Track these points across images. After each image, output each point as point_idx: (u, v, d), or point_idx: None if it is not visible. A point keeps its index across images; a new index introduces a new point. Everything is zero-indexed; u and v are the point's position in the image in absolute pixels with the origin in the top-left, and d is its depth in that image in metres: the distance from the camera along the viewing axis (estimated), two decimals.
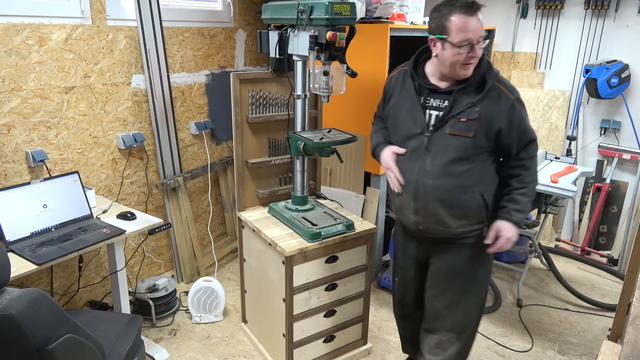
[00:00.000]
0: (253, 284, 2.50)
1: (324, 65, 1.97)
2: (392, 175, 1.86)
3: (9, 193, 2.04)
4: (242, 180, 2.44)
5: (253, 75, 2.33)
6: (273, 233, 2.21)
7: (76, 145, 2.64)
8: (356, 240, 2.28)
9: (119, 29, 2.70)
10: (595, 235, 3.70)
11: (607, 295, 3.18)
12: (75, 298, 2.75)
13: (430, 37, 1.71)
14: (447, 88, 1.76)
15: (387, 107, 1.93)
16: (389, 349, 2.62)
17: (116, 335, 1.84)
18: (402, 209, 1.89)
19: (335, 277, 2.28)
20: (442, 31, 1.64)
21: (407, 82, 1.84)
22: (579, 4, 3.46)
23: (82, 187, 2.30)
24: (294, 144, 2.23)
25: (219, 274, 3.34)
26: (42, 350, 1.34)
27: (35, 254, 1.92)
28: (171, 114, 3.03)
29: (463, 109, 1.71)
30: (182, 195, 3.10)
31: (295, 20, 2.02)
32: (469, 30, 1.61)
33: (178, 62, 3.08)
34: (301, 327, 2.26)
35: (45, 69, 2.43)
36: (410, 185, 1.81)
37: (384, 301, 3.06)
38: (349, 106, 2.99)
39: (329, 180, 3.28)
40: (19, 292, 1.34)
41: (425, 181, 1.77)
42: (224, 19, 3.33)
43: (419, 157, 1.78)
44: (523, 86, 3.79)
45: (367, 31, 2.74)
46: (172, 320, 2.81)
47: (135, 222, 2.27)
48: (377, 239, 3.12)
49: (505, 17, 3.80)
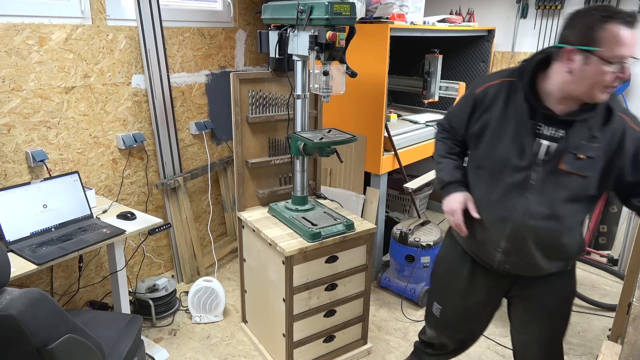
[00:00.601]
0: (253, 284, 2.50)
1: (324, 65, 1.97)
2: (453, 220, 1.63)
3: (9, 193, 2.04)
4: (242, 180, 2.44)
5: (253, 75, 2.33)
6: (273, 233, 2.21)
7: (76, 145, 2.64)
8: (356, 240, 2.28)
9: (119, 29, 2.70)
10: (595, 235, 3.69)
11: (607, 295, 3.18)
12: (75, 298, 2.75)
13: (567, 49, 1.38)
14: (565, 114, 1.46)
15: (476, 124, 1.60)
16: (389, 349, 2.62)
17: (116, 335, 1.84)
18: (486, 245, 1.63)
19: (335, 277, 2.28)
20: (591, 42, 1.33)
21: (514, 99, 1.52)
22: (579, 4, 3.45)
23: (82, 187, 2.30)
24: (294, 144, 2.23)
25: (219, 274, 3.34)
26: (42, 350, 1.34)
27: (35, 254, 1.92)
28: (171, 114, 3.03)
29: (582, 143, 1.43)
30: (182, 195, 3.10)
31: (295, 20, 2.02)
32: (626, 45, 1.31)
33: (178, 62, 3.08)
34: (301, 327, 2.26)
35: (45, 69, 2.43)
36: (506, 225, 1.54)
37: (384, 301, 3.06)
38: (349, 106, 2.99)
39: (329, 180, 3.28)
40: (19, 292, 1.34)
41: (528, 222, 1.51)
42: (224, 19, 3.33)
43: (521, 194, 1.51)
44: None
45: (367, 31, 2.74)
46: (172, 320, 2.81)
47: (135, 222, 2.27)
48: (377, 239, 3.12)
49: (505, 17, 3.80)
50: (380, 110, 2.83)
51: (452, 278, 1.81)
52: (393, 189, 4.09)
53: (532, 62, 1.50)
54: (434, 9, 3.95)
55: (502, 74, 1.60)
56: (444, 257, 1.87)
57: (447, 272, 1.84)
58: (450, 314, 1.86)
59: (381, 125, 2.86)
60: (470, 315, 1.82)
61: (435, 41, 3.69)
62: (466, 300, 1.79)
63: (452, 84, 3.63)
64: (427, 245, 2.91)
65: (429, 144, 3.35)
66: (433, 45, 3.64)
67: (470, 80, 3.88)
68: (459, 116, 1.69)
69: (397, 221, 3.36)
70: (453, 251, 1.81)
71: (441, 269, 1.88)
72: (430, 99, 3.58)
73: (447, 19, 3.40)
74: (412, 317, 2.90)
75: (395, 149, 3.00)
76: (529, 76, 1.49)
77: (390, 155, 3.00)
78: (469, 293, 1.77)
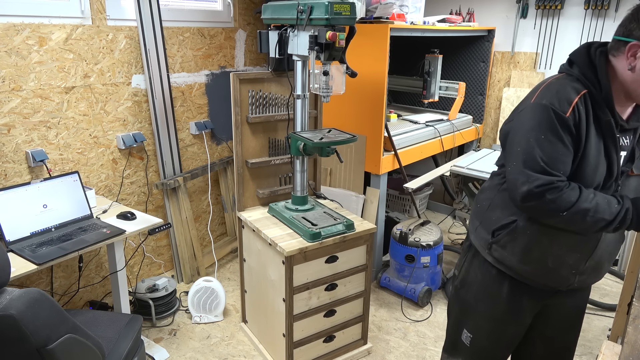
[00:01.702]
0: (253, 284, 2.50)
1: (324, 65, 1.97)
2: None
3: (9, 193, 2.04)
4: (242, 180, 2.44)
5: (253, 75, 2.33)
6: (273, 233, 2.21)
7: (76, 145, 2.64)
8: (356, 240, 2.28)
9: (119, 29, 2.70)
10: None
11: (607, 295, 3.18)
12: (75, 298, 2.75)
13: (633, 44, 1.25)
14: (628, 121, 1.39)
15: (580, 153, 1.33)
16: (389, 349, 2.62)
17: (116, 335, 1.84)
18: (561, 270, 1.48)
19: (335, 277, 2.28)
20: None
21: (597, 114, 1.33)
22: (579, 4, 3.46)
23: (82, 187, 2.30)
24: (294, 144, 2.23)
25: (219, 274, 3.34)
26: (42, 350, 1.34)
27: (35, 254, 1.92)
28: (171, 114, 3.03)
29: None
30: (182, 195, 3.10)
31: (295, 20, 2.02)
32: None
33: (178, 62, 3.08)
34: (301, 327, 2.26)
35: (45, 69, 2.43)
36: (595, 245, 1.43)
37: (384, 301, 3.06)
38: (349, 106, 2.99)
39: (329, 180, 3.28)
40: (19, 292, 1.34)
41: (613, 236, 1.44)
42: (224, 19, 3.33)
43: None
44: (523, 86, 3.79)
45: (367, 31, 2.74)
46: (172, 320, 2.81)
47: (135, 222, 2.27)
48: (377, 239, 3.12)
49: (505, 17, 3.80)
50: (380, 110, 2.84)
51: (486, 302, 1.62)
52: (393, 189, 4.09)
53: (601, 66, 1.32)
54: (434, 9, 3.95)
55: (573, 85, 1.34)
56: (471, 281, 1.66)
57: (478, 296, 1.65)
58: (484, 342, 1.68)
59: (381, 125, 2.86)
60: (508, 340, 1.68)
61: (435, 41, 3.70)
62: (505, 325, 1.63)
63: (452, 84, 3.64)
64: (427, 245, 2.91)
65: (429, 144, 3.35)
66: (433, 45, 3.65)
67: (470, 80, 3.89)
68: (560, 153, 1.31)
69: (397, 221, 3.36)
70: (484, 274, 1.61)
71: (469, 293, 1.67)
72: (430, 99, 3.58)
73: (447, 19, 3.40)
74: (412, 317, 2.90)
75: (395, 149, 3.00)
76: (608, 87, 1.31)
77: (390, 155, 3.00)
78: (509, 316, 1.61)
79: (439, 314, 2.93)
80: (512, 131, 1.41)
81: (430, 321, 2.87)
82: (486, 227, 1.56)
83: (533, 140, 1.31)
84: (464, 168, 3.04)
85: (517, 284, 1.56)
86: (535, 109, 1.33)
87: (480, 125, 3.95)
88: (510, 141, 1.41)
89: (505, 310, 1.60)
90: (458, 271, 1.73)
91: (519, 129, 1.37)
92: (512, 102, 3.79)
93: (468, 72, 3.92)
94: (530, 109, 1.35)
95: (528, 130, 1.33)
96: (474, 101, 3.96)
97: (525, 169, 1.31)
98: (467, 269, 1.68)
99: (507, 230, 1.48)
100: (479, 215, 1.62)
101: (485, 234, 1.56)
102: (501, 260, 1.54)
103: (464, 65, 3.93)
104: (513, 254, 1.49)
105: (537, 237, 1.43)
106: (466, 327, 1.70)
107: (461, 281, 1.71)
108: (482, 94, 3.91)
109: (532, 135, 1.32)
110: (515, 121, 1.41)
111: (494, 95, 3.96)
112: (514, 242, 1.48)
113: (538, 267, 1.49)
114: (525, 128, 1.35)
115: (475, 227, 1.63)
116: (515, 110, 1.47)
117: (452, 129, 3.59)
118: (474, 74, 3.90)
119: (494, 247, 1.53)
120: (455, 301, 1.75)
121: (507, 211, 1.49)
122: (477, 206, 1.65)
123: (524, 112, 1.38)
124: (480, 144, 4.07)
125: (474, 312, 1.67)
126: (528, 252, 1.46)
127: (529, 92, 1.44)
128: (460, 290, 1.71)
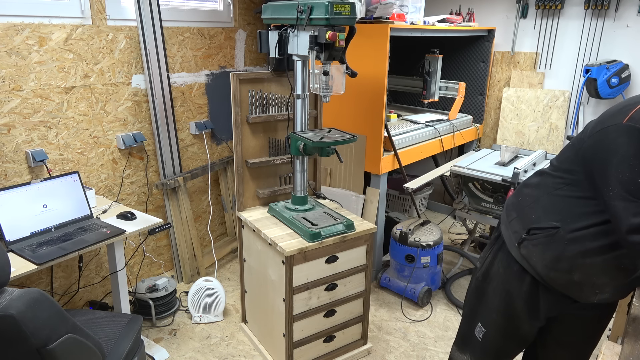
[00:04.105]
0: (253, 284, 2.50)
1: (324, 65, 1.97)
2: None
3: (9, 193, 2.04)
4: (242, 180, 2.44)
5: (253, 75, 2.33)
6: (273, 233, 2.21)
7: (76, 145, 2.64)
8: (356, 240, 2.28)
9: (119, 29, 2.70)
10: None
11: None
12: (75, 298, 2.75)
13: None
14: None
15: None
16: (389, 349, 2.62)
17: (116, 335, 1.84)
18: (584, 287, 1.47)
19: (335, 277, 2.28)
20: None
21: None
22: (579, 4, 3.46)
23: (82, 187, 2.30)
24: (294, 144, 2.23)
25: (219, 274, 3.34)
26: (42, 350, 1.34)
27: (35, 254, 1.92)
28: (171, 114, 3.03)
29: None
30: (182, 195, 3.10)
31: (295, 20, 2.02)
32: None
33: (178, 62, 3.09)
34: (301, 327, 2.26)
35: (45, 69, 2.43)
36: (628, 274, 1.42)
37: (384, 301, 3.06)
38: (349, 106, 2.99)
39: (329, 180, 3.28)
40: (19, 292, 1.34)
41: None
42: (224, 19, 3.33)
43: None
44: (523, 86, 3.79)
45: (367, 31, 2.74)
46: (172, 320, 2.81)
47: (135, 222, 2.27)
48: (377, 239, 3.12)
49: (505, 17, 3.80)
50: (380, 110, 2.84)
51: (504, 297, 1.62)
52: (393, 189, 4.09)
53: None
54: (434, 9, 3.95)
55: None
56: (493, 275, 1.65)
57: (497, 290, 1.64)
58: (497, 337, 1.68)
59: (381, 125, 2.86)
60: (520, 338, 1.67)
61: (435, 41, 3.70)
62: (520, 323, 1.62)
63: (452, 84, 3.64)
64: (427, 245, 2.91)
65: (429, 144, 3.35)
66: (433, 45, 3.65)
67: (470, 80, 3.89)
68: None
69: (397, 221, 3.36)
70: (506, 268, 1.60)
71: (489, 286, 1.66)
72: (430, 99, 3.58)
73: (447, 19, 3.40)
74: (412, 317, 2.90)
75: (395, 149, 3.00)
76: None
77: (390, 155, 3.00)
78: (524, 314, 1.60)
79: (439, 314, 2.93)
80: (601, 151, 1.32)
81: (430, 321, 2.87)
82: (523, 223, 1.54)
83: (638, 168, 1.22)
84: (464, 168, 3.04)
85: (537, 284, 1.55)
86: (633, 133, 1.24)
87: (480, 125, 3.95)
88: (601, 161, 1.31)
89: (521, 308, 1.59)
90: (481, 263, 1.72)
91: (615, 153, 1.27)
92: (512, 102, 3.80)
93: (468, 72, 3.92)
94: (625, 132, 1.26)
95: (629, 157, 1.24)
96: (474, 101, 3.96)
97: (635, 199, 1.22)
98: (492, 261, 1.67)
99: (545, 233, 1.46)
100: (517, 208, 1.60)
101: (520, 229, 1.55)
102: (527, 258, 1.52)
103: (464, 65, 3.93)
104: (542, 258, 1.48)
105: (573, 252, 1.41)
106: (481, 320, 1.70)
107: (483, 273, 1.70)
108: (482, 94, 3.91)
109: (636, 162, 1.22)
110: (605, 141, 1.31)
111: (494, 95, 3.96)
112: (547, 246, 1.46)
113: (562, 277, 1.47)
114: (623, 153, 1.25)
115: (511, 219, 1.60)
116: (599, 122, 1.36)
117: (452, 129, 3.59)
118: (474, 74, 3.90)
119: (525, 244, 1.51)
120: (474, 293, 1.74)
121: (551, 216, 1.47)
122: (517, 199, 1.62)
123: (616, 133, 1.28)
124: (480, 144, 4.07)
125: (491, 306, 1.67)
126: (558, 261, 1.44)
127: (613, 107, 1.35)
128: (482, 282, 1.70)
